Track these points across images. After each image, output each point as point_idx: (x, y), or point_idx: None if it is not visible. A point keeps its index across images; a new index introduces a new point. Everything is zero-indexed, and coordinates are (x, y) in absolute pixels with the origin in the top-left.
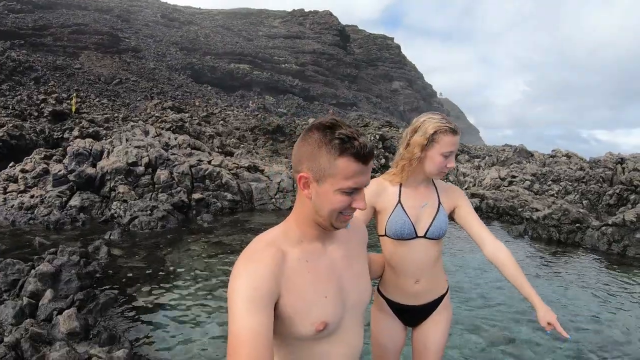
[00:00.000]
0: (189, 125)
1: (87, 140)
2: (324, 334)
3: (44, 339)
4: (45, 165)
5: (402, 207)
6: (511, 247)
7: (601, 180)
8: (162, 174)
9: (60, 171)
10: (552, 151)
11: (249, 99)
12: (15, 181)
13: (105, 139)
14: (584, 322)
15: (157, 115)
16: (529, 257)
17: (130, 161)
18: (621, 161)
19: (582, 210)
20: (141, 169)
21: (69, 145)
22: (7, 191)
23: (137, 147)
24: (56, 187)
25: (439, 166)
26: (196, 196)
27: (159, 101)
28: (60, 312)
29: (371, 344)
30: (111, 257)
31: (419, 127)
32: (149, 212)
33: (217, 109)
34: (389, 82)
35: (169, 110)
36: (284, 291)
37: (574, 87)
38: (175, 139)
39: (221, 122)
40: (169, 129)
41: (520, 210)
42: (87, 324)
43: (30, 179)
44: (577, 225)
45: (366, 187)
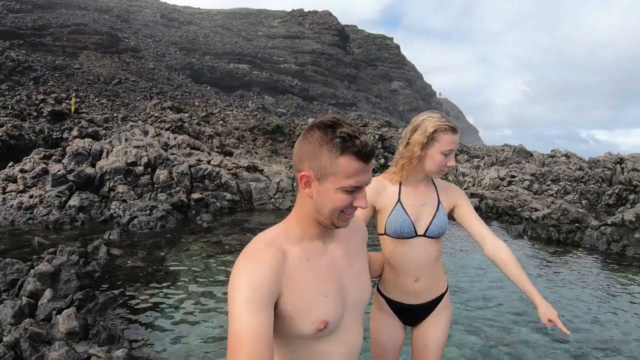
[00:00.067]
0: (188, 125)
1: (86, 140)
2: (324, 333)
3: (43, 339)
4: (44, 165)
5: (401, 205)
6: (510, 247)
7: (600, 180)
8: (161, 174)
9: (59, 171)
10: (552, 151)
11: (248, 99)
12: (14, 181)
13: (104, 138)
14: (583, 322)
15: (157, 115)
16: (528, 257)
17: (129, 161)
18: (620, 161)
19: (581, 210)
20: (140, 168)
21: (68, 145)
22: (7, 191)
23: (137, 147)
24: (55, 187)
25: (439, 164)
26: (195, 196)
27: (158, 101)
28: (59, 312)
29: (370, 343)
30: (110, 257)
31: (419, 125)
32: (148, 212)
33: (216, 109)
34: (388, 82)
35: (168, 110)
36: (285, 290)
37: (573, 87)
38: (174, 138)
39: (220, 122)
40: (168, 129)
41: (519, 210)
42: (86, 324)
43: (29, 179)
44: (577, 225)
45: (368, 185)
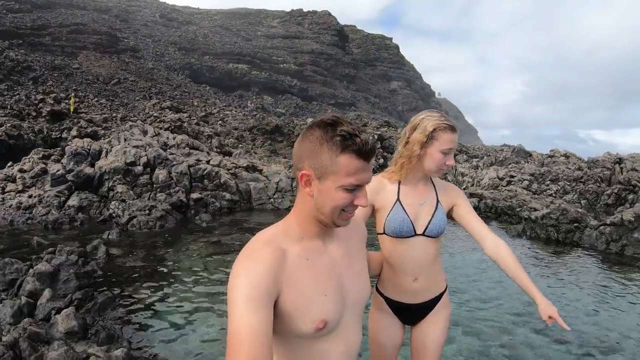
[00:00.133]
0: (188, 125)
1: (85, 140)
2: (324, 332)
3: (42, 338)
4: (43, 165)
5: (401, 204)
6: (510, 246)
7: (599, 180)
8: (160, 174)
9: (58, 171)
10: (551, 151)
11: (247, 99)
12: (13, 181)
13: (103, 138)
14: (582, 322)
15: (156, 115)
16: (528, 257)
17: (128, 161)
18: (619, 161)
19: (580, 209)
20: (139, 168)
21: (67, 145)
22: (6, 191)
23: (136, 146)
24: (54, 187)
25: (438, 163)
26: (195, 196)
27: (158, 101)
28: (58, 312)
29: (369, 342)
30: (109, 256)
31: (418, 124)
32: (147, 211)
33: (215, 109)
34: (387, 82)
35: (168, 110)
36: (285, 288)
37: (572, 88)
38: (173, 138)
39: (220, 122)
40: (167, 129)
41: (518, 210)
42: (85, 324)
43: (28, 178)
44: (576, 224)
45: (368, 184)
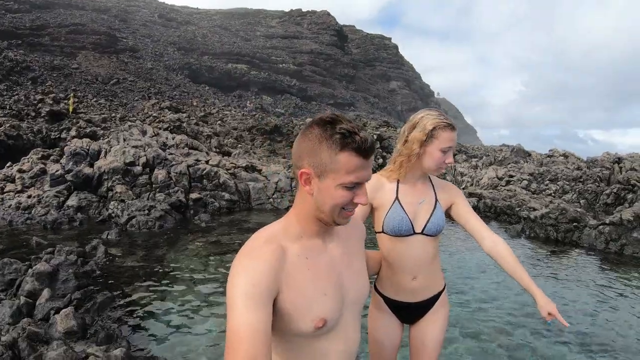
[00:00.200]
0: (187, 125)
1: (84, 140)
2: (323, 331)
3: (41, 338)
4: (42, 165)
5: (399, 203)
6: (508, 245)
7: (598, 179)
8: (159, 174)
9: (57, 171)
10: (550, 151)
11: (246, 99)
12: (12, 181)
13: (102, 138)
14: (581, 321)
15: (155, 115)
16: (527, 256)
17: (127, 161)
18: (618, 161)
19: (579, 209)
20: (139, 168)
21: (67, 145)
22: (5, 191)
23: (135, 146)
24: (53, 187)
25: (438, 162)
26: (194, 196)
27: (157, 101)
28: (57, 311)
29: (368, 341)
30: (109, 256)
31: (418, 123)
32: (146, 211)
33: (214, 109)
34: (386, 82)
35: (167, 110)
36: (284, 287)
37: (570, 89)
38: (172, 138)
39: (219, 122)
40: (166, 129)
41: (517, 209)
42: (84, 323)
43: (27, 179)
44: (575, 224)
45: (367, 182)
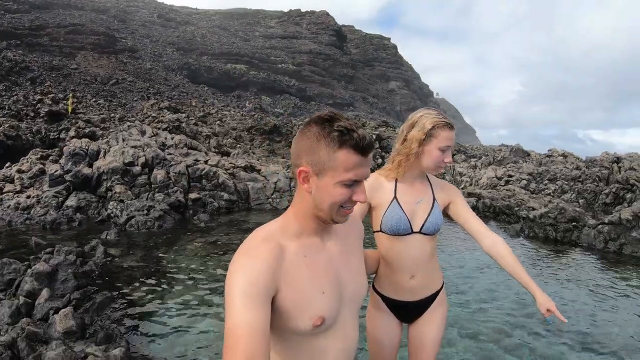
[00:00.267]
0: (186, 125)
1: (83, 140)
2: (321, 329)
3: (40, 338)
4: (41, 165)
5: (397, 202)
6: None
7: (597, 179)
8: (158, 174)
9: (56, 171)
10: (549, 151)
11: (245, 99)
12: (11, 181)
13: (101, 139)
14: (580, 321)
15: (154, 115)
16: (526, 256)
17: (126, 161)
18: (617, 160)
19: (578, 209)
20: (138, 168)
21: (66, 145)
22: (4, 191)
23: (134, 147)
24: (52, 187)
25: (437, 161)
26: (193, 196)
27: (156, 101)
28: (56, 311)
29: (367, 340)
30: (108, 256)
31: (416, 122)
32: (145, 212)
33: (213, 109)
34: (385, 82)
35: (166, 110)
36: (282, 285)
37: (569, 89)
38: (171, 139)
39: (218, 122)
40: (165, 129)
41: (516, 209)
42: (83, 323)
43: (26, 179)
44: (574, 224)
45: (365, 180)
